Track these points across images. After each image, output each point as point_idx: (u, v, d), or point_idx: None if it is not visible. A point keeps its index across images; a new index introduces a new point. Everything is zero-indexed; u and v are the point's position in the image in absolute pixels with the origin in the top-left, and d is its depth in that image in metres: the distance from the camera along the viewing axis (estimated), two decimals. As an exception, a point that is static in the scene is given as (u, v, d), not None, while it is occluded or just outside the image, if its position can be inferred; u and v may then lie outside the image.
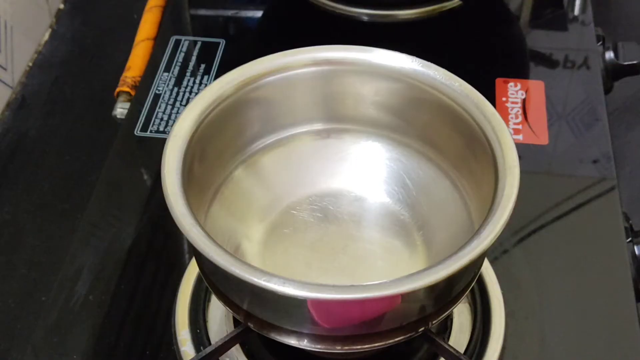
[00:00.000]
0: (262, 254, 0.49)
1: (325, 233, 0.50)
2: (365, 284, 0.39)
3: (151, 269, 0.57)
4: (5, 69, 0.69)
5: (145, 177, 0.64)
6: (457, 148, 0.48)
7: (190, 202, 0.42)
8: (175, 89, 0.69)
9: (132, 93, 0.69)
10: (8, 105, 0.70)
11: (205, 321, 0.53)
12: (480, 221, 0.42)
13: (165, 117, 0.67)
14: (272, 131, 0.51)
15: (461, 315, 0.53)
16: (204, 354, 0.48)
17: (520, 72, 0.70)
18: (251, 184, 0.51)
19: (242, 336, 0.49)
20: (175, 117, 0.66)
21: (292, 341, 0.43)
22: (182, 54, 0.72)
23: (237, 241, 0.49)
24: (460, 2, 0.74)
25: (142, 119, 0.67)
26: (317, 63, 0.50)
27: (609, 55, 0.72)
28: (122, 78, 0.70)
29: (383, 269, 0.49)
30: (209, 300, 0.54)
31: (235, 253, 0.46)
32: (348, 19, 0.75)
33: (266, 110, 0.50)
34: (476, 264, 0.44)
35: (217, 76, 0.56)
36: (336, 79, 0.50)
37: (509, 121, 0.65)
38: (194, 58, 0.72)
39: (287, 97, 0.51)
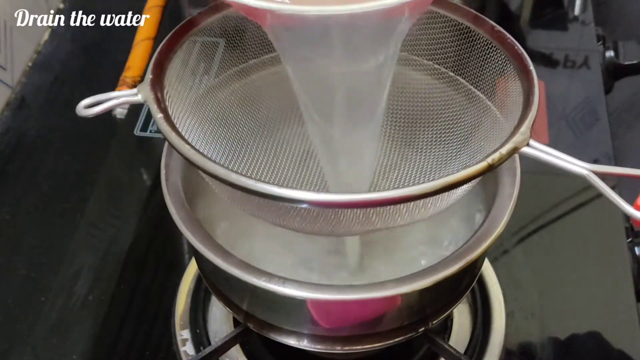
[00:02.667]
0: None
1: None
2: (365, 284, 0.39)
3: (151, 269, 0.57)
4: (5, 69, 0.69)
5: (145, 177, 0.64)
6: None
7: (190, 203, 0.42)
8: (175, 89, 0.69)
9: (132, 93, 0.69)
10: (8, 105, 0.70)
11: (205, 321, 0.53)
12: (481, 221, 0.42)
13: (165, 117, 0.66)
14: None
15: (461, 315, 0.53)
16: (204, 354, 0.48)
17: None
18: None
19: (242, 336, 0.49)
20: (175, 117, 0.66)
21: (292, 341, 0.43)
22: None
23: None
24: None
25: (142, 119, 0.66)
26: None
27: (609, 55, 0.72)
28: (122, 78, 0.70)
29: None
30: (209, 300, 0.54)
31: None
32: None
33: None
34: (476, 264, 0.44)
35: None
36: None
37: (509, 121, 0.65)
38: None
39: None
